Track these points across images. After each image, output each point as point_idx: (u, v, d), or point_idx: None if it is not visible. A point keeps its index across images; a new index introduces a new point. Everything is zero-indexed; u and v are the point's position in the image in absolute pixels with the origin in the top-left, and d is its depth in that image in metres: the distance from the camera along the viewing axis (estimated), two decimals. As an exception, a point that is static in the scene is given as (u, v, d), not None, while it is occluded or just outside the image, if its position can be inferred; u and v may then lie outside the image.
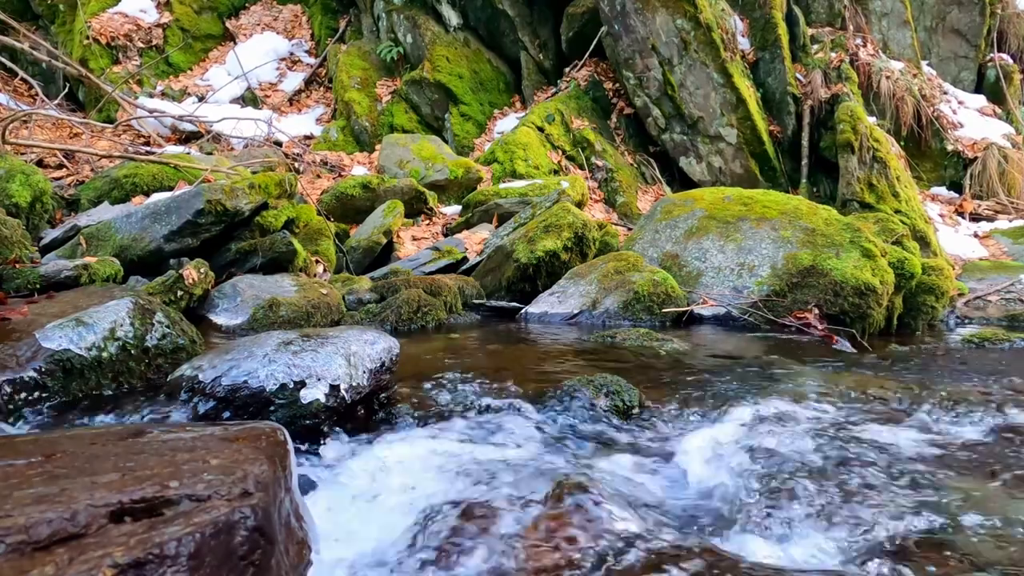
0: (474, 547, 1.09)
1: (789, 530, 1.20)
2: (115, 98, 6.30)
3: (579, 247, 3.81)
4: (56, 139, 5.81)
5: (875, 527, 1.20)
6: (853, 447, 1.54)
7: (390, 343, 1.75)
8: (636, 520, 1.18)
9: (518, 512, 1.17)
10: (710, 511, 1.30)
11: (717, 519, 1.26)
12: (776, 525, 1.22)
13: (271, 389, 1.48)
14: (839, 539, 1.17)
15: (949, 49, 8.03)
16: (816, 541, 1.17)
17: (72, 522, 0.84)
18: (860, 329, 3.25)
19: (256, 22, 8.45)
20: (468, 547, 1.09)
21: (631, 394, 1.80)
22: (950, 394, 1.99)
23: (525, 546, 1.08)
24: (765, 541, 1.18)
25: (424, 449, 1.44)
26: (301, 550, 1.06)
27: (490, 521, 1.15)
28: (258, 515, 0.93)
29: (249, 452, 1.08)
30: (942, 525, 1.22)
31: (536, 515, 1.16)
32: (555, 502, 1.20)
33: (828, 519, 1.22)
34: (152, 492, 0.92)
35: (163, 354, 1.81)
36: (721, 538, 1.20)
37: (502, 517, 1.16)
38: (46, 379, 1.59)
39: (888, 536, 1.18)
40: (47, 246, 3.48)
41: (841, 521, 1.22)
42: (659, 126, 6.63)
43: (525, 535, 1.11)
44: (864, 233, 3.54)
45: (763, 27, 6.75)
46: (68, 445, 1.12)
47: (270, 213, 3.72)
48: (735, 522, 1.24)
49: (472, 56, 7.30)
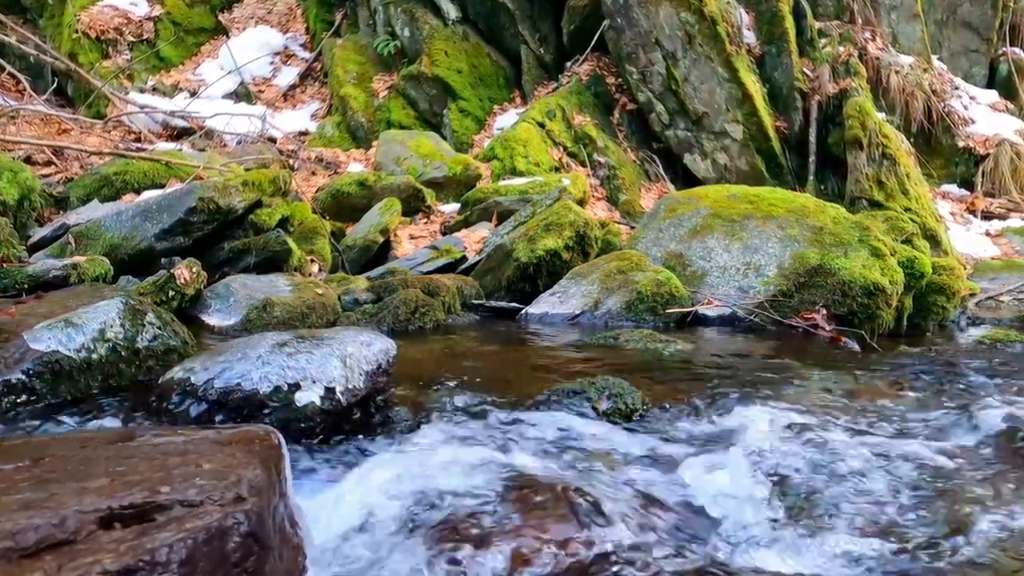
0: (471, 554, 1.09)
1: (797, 540, 1.20)
2: (105, 93, 6.30)
3: (581, 246, 3.81)
4: (45, 135, 5.80)
5: (886, 537, 1.20)
6: (863, 454, 1.53)
7: (387, 344, 1.74)
8: (637, 528, 1.18)
9: (516, 518, 1.17)
10: (714, 519, 1.29)
11: (721, 528, 1.26)
12: (783, 535, 1.22)
13: (265, 392, 1.48)
14: (848, 550, 1.17)
15: (960, 43, 8.03)
16: (825, 552, 1.17)
17: (61, 528, 0.84)
18: (869, 330, 3.25)
19: (249, 15, 8.44)
20: (465, 554, 1.09)
21: (634, 397, 1.79)
22: (963, 398, 1.99)
23: (524, 552, 1.08)
24: (772, 552, 1.18)
25: (420, 453, 1.44)
26: (296, 556, 1.06)
27: (486, 528, 1.15)
28: (252, 520, 0.93)
29: (242, 456, 1.08)
30: (956, 535, 1.22)
31: (536, 521, 1.16)
32: (555, 508, 1.20)
33: (837, 529, 1.22)
34: (143, 497, 0.92)
35: (154, 356, 1.81)
36: (725, 547, 1.19)
37: (499, 524, 1.16)
38: (35, 381, 1.59)
39: (903, 546, 1.18)
40: (35, 245, 3.48)
41: (849, 531, 1.22)
42: (662, 122, 6.63)
43: (524, 542, 1.11)
44: (873, 232, 3.54)
45: (769, 20, 6.74)
46: (57, 449, 1.11)
47: (264, 211, 3.72)
48: (740, 531, 1.23)
49: (471, 50, 7.29)
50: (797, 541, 1.20)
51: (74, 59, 6.97)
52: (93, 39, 7.34)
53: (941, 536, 1.21)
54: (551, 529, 1.14)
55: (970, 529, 1.23)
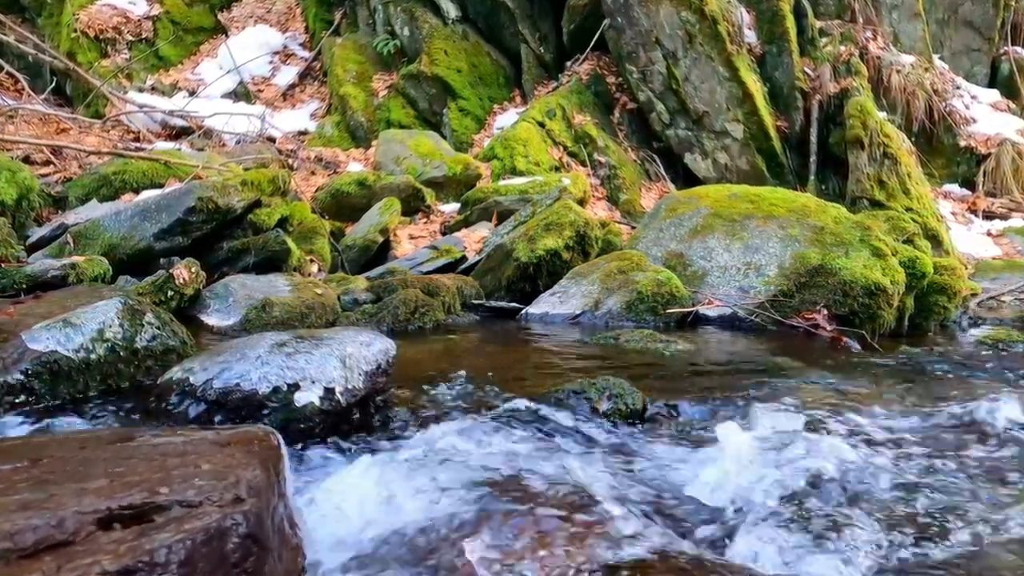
0: (469, 560, 1.09)
1: (799, 545, 1.20)
2: (104, 93, 6.31)
3: (581, 246, 3.81)
4: (43, 135, 5.81)
5: (890, 544, 1.20)
6: (866, 456, 1.54)
7: (387, 345, 1.75)
8: (637, 531, 1.18)
9: (515, 522, 1.17)
10: (715, 521, 1.29)
11: (721, 530, 1.26)
12: (785, 539, 1.22)
13: (264, 392, 1.48)
14: (851, 556, 1.17)
15: (961, 42, 8.03)
16: (827, 557, 1.17)
17: (59, 529, 0.84)
18: (870, 330, 3.25)
19: (249, 14, 8.44)
20: (463, 560, 1.09)
21: (635, 397, 1.80)
22: (965, 399, 1.99)
23: (523, 557, 1.08)
24: (773, 556, 1.18)
25: (420, 455, 1.44)
26: (295, 557, 1.06)
27: (485, 533, 1.15)
28: (251, 521, 0.93)
29: (241, 457, 1.08)
30: (962, 540, 1.22)
31: (535, 525, 1.16)
32: (555, 511, 1.20)
33: (839, 534, 1.22)
34: (142, 498, 0.92)
35: (153, 356, 1.81)
36: (726, 551, 1.19)
37: (498, 528, 1.16)
38: (33, 382, 1.59)
39: (906, 553, 1.18)
40: (34, 245, 3.48)
41: (853, 537, 1.22)
42: (663, 121, 6.63)
43: (523, 546, 1.11)
44: (874, 231, 3.54)
45: (770, 19, 6.74)
46: (56, 450, 1.12)
47: (263, 211, 3.72)
48: (740, 534, 1.23)
49: (471, 50, 7.30)
50: (799, 543, 1.20)
51: (73, 58, 6.97)
52: (92, 38, 7.35)
53: (942, 538, 1.21)
54: (551, 530, 1.14)
55: (972, 531, 1.23)
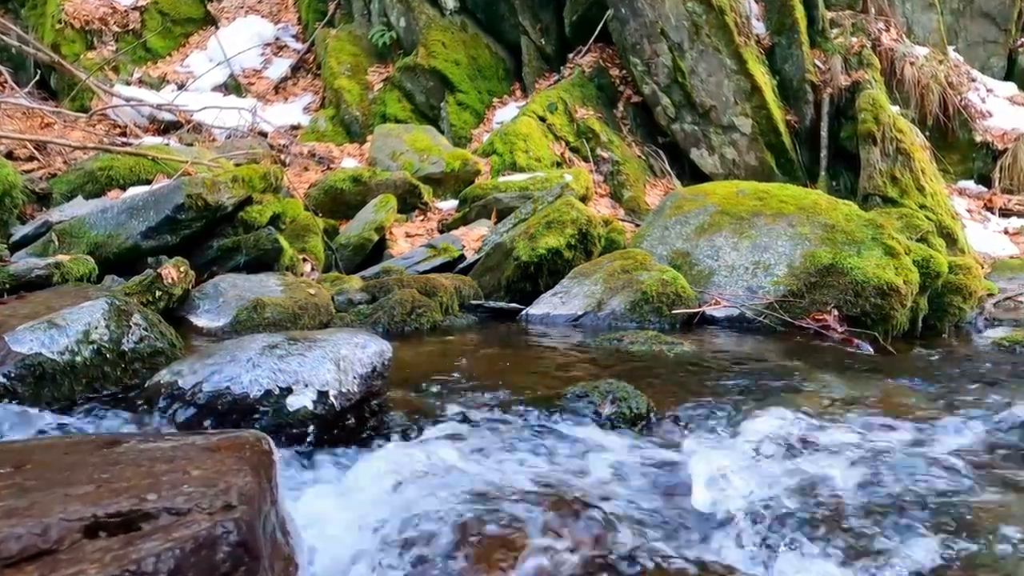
0: (466, 560, 1.09)
1: (804, 558, 1.20)
2: (90, 86, 6.31)
3: (583, 244, 3.81)
4: (27, 129, 5.81)
5: (900, 557, 1.19)
6: (878, 465, 1.53)
7: (382, 347, 1.75)
8: (638, 533, 1.18)
9: (515, 528, 1.17)
10: (718, 531, 1.29)
11: (726, 540, 1.26)
12: (790, 551, 1.22)
13: (255, 396, 1.48)
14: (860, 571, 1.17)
15: (977, 34, 8.03)
16: (832, 558, 1.17)
17: (43, 537, 0.84)
18: (882, 331, 3.25)
19: (239, 5, 8.44)
20: (461, 566, 1.09)
21: (639, 401, 1.80)
22: (980, 403, 1.99)
23: (522, 563, 1.08)
24: (777, 557, 1.18)
25: (416, 461, 1.44)
26: (287, 567, 1.06)
27: (483, 540, 1.15)
28: (241, 529, 0.93)
29: (232, 463, 1.08)
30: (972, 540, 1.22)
31: (535, 530, 1.16)
32: (555, 513, 1.20)
33: (847, 548, 1.21)
34: (129, 505, 0.92)
35: (141, 358, 1.81)
36: (729, 554, 1.19)
37: (497, 535, 1.16)
38: (16, 385, 1.59)
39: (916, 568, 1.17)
40: (17, 243, 3.48)
41: (862, 551, 1.21)
42: (668, 115, 6.63)
43: (519, 552, 1.11)
44: (887, 230, 3.54)
45: (779, 10, 6.74)
46: (40, 455, 1.12)
47: (254, 208, 3.72)
48: (744, 545, 1.23)
49: (470, 41, 7.29)
50: (804, 547, 1.20)
51: (57, 50, 6.97)
52: (77, 30, 7.35)
53: (958, 542, 1.21)
54: (551, 532, 1.14)
55: (985, 534, 1.23)
